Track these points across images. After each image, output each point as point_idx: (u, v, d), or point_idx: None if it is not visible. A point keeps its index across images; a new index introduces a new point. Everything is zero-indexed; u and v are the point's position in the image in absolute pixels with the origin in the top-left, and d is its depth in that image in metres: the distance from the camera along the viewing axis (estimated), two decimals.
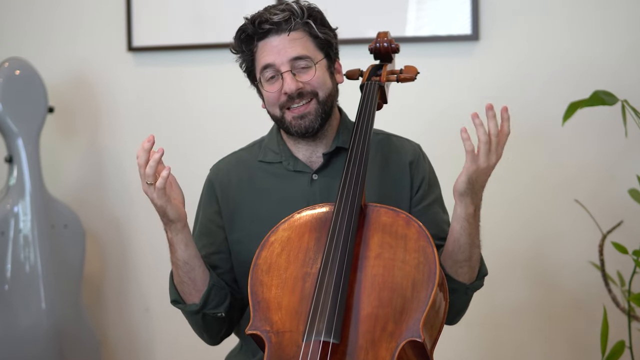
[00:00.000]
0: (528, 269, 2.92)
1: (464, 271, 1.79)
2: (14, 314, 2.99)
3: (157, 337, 3.32)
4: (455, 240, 1.75)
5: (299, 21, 1.84)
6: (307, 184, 1.91)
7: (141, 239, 3.31)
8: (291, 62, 1.83)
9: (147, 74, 3.27)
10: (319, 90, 1.85)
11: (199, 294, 1.82)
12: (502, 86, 2.91)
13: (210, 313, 1.84)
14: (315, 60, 1.85)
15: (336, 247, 1.64)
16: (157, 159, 1.69)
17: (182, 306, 1.85)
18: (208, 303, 1.83)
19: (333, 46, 1.91)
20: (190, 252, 1.79)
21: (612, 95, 2.36)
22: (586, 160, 2.85)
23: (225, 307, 1.85)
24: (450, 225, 1.77)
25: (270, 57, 1.84)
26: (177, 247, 1.78)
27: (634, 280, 2.44)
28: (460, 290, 1.80)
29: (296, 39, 1.84)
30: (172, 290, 1.87)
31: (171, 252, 1.80)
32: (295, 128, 1.85)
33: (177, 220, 1.75)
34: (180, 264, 1.79)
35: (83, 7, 3.33)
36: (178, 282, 1.84)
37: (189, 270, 1.80)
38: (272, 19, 1.83)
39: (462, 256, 1.76)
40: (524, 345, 2.93)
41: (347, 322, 1.59)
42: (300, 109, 1.84)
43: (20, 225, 3.02)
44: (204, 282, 1.82)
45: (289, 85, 1.82)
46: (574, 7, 2.85)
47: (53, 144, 3.35)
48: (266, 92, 1.86)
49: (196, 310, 1.83)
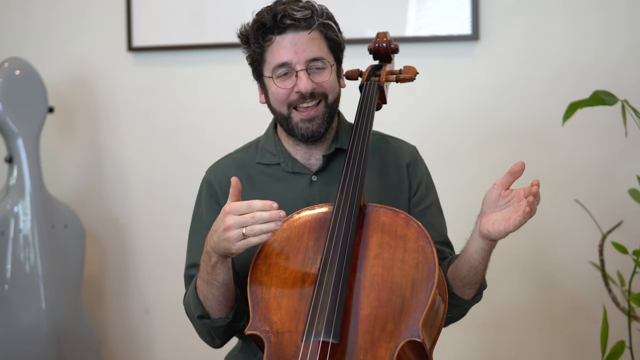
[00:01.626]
0: (528, 269, 2.92)
1: (471, 291, 1.81)
2: (14, 314, 2.99)
3: (157, 337, 3.32)
4: (472, 267, 1.75)
5: (320, 21, 1.82)
6: (307, 185, 1.91)
7: (141, 239, 3.31)
8: (307, 62, 1.81)
9: (147, 74, 3.27)
10: (329, 94, 1.84)
11: (227, 310, 1.78)
12: (502, 86, 2.91)
13: (236, 326, 1.82)
14: (331, 63, 1.85)
15: (335, 247, 1.64)
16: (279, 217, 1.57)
17: (208, 321, 1.79)
18: (237, 317, 1.80)
19: (343, 51, 1.91)
20: (229, 276, 1.72)
21: (612, 95, 2.36)
22: (586, 160, 2.85)
23: (246, 316, 1.81)
24: (467, 253, 1.75)
25: (287, 54, 1.81)
26: (220, 271, 1.70)
27: (634, 280, 2.44)
28: (462, 305, 1.83)
29: (314, 38, 1.82)
30: (197, 306, 1.79)
31: (209, 274, 1.71)
32: (302, 131, 1.84)
33: (227, 254, 1.66)
34: (219, 284, 1.73)
35: (83, 7, 3.33)
36: (210, 300, 1.76)
37: (226, 290, 1.74)
38: (294, 15, 1.79)
39: (474, 279, 1.78)
40: (524, 345, 2.93)
41: (346, 322, 1.59)
42: (309, 111, 1.82)
43: (20, 225, 3.02)
44: (234, 298, 1.79)
45: (304, 85, 1.80)
46: (574, 7, 2.85)
47: (53, 144, 3.35)
48: (277, 87, 1.83)
49: (223, 324, 1.80)
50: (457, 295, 1.80)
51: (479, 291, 1.84)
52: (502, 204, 1.68)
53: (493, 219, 1.67)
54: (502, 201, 1.68)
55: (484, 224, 1.68)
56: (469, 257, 1.75)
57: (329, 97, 1.84)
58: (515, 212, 1.64)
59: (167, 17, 3.21)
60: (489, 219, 1.68)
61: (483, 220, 1.68)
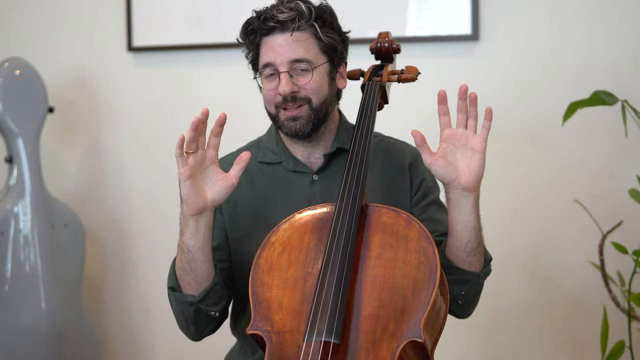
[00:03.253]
0: (528, 269, 2.92)
1: (476, 259, 1.78)
2: (14, 314, 2.99)
3: (157, 337, 3.32)
4: (471, 230, 1.74)
5: (304, 22, 1.83)
6: (308, 184, 1.91)
7: (141, 239, 3.31)
8: (290, 64, 1.82)
9: (147, 74, 3.27)
10: (312, 97, 1.84)
11: (198, 287, 1.79)
12: (502, 86, 2.91)
13: (205, 309, 1.82)
14: (315, 64, 1.84)
15: (337, 247, 1.64)
16: (196, 121, 1.68)
17: (179, 295, 1.81)
18: (207, 299, 1.80)
19: (338, 51, 1.90)
20: (195, 243, 1.73)
21: (612, 95, 2.36)
22: (586, 160, 2.85)
23: (221, 308, 1.84)
24: (461, 220, 1.74)
25: (271, 55, 1.83)
26: (185, 230, 1.73)
27: (634, 280, 2.44)
28: (472, 280, 1.80)
29: (300, 40, 1.83)
30: (171, 277, 1.82)
31: (180, 235, 1.76)
32: (286, 129, 1.86)
33: (187, 204, 1.69)
34: (184, 249, 1.75)
35: (83, 7, 3.33)
36: (179, 268, 1.79)
37: (191, 259, 1.75)
38: (277, 17, 1.81)
39: (476, 243, 1.76)
40: (524, 345, 2.93)
41: (348, 322, 1.59)
42: (293, 111, 1.84)
43: (20, 225, 3.01)
44: (206, 277, 1.79)
45: (282, 87, 1.82)
46: (574, 7, 2.85)
47: (53, 144, 3.35)
48: (264, 89, 1.87)
49: (192, 302, 1.80)
50: (465, 270, 1.78)
51: (486, 262, 1.82)
52: (452, 158, 1.72)
53: (465, 167, 1.70)
54: (449, 156, 1.72)
55: (465, 179, 1.69)
56: (465, 221, 1.73)
57: (312, 101, 1.84)
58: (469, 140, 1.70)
59: (167, 17, 3.21)
60: (463, 172, 1.70)
61: (462, 181, 1.70)
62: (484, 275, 1.83)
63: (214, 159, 1.72)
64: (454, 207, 1.74)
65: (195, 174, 1.69)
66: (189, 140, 1.66)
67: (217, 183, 1.71)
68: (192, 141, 1.66)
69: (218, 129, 1.72)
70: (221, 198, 1.72)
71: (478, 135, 1.71)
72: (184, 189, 1.68)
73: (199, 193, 1.69)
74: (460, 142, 1.72)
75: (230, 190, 1.71)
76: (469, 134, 1.72)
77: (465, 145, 1.72)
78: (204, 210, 1.71)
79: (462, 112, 1.74)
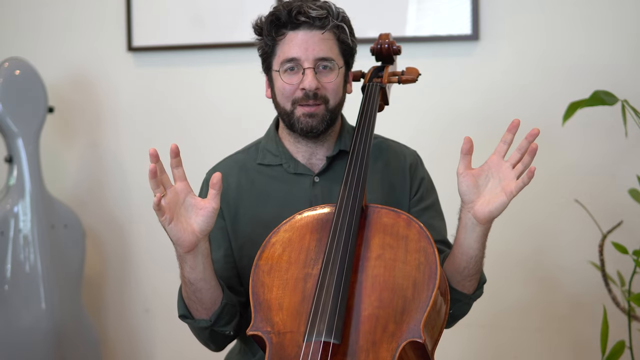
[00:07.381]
0: (528, 269, 2.92)
1: (470, 284, 1.80)
2: (14, 314, 2.99)
3: (157, 337, 3.33)
4: (472, 258, 1.74)
5: (335, 22, 1.83)
6: (309, 186, 1.91)
7: (141, 239, 3.31)
8: (316, 61, 1.82)
9: (147, 74, 3.27)
10: (330, 98, 1.84)
11: (207, 312, 1.78)
12: (502, 86, 2.91)
13: (219, 330, 1.81)
14: (339, 65, 1.85)
15: (337, 248, 1.64)
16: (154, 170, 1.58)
17: (191, 321, 1.80)
18: (219, 320, 1.79)
19: (353, 56, 1.91)
20: (197, 276, 1.71)
21: (612, 95, 2.36)
22: (586, 160, 2.85)
23: (234, 326, 1.83)
24: (465, 246, 1.74)
25: (297, 50, 1.82)
26: (184, 266, 1.71)
27: (634, 280, 2.44)
28: (463, 300, 1.81)
29: (326, 39, 1.83)
30: (180, 305, 1.81)
31: (180, 269, 1.73)
32: (302, 125, 1.84)
33: (179, 244, 1.65)
34: (187, 282, 1.73)
35: (83, 7, 3.33)
36: (186, 297, 1.78)
37: (195, 290, 1.74)
38: (309, 13, 1.81)
39: (474, 269, 1.77)
40: (524, 345, 2.93)
41: (348, 323, 1.59)
42: (311, 108, 1.83)
43: (20, 225, 3.01)
44: (214, 302, 1.77)
45: (309, 82, 1.80)
46: (574, 7, 2.85)
47: (53, 144, 3.35)
48: (283, 82, 1.84)
49: (205, 326, 1.80)
50: (457, 290, 1.80)
51: (479, 285, 1.83)
52: (483, 183, 1.70)
53: (487, 199, 1.68)
54: (481, 180, 1.70)
55: (480, 209, 1.67)
56: (467, 248, 1.73)
57: (330, 102, 1.84)
58: (506, 179, 1.66)
59: (167, 17, 3.21)
60: (482, 202, 1.68)
61: (476, 207, 1.68)
62: (475, 297, 1.84)
63: (187, 190, 1.66)
64: (462, 228, 1.74)
65: (176, 213, 1.64)
66: (153, 188, 1.59)
67: (199, 213, 1.65)
68: (156, 187, 1.59)
69: (175, 160, 1.65)
70: (208, 225, 1.65)
71: (517, 180, 1.66)
72: (172, 233, 1.63)
73: (186, 230, 1.64)
74: (499, 176, 1.69)
75: (214, 214, 1.65)
76: (511, 175, 1.67)
77: (500, 181, 1.68)
78: (197, 243, 1.67)
79: (508, 144, 1.72)
